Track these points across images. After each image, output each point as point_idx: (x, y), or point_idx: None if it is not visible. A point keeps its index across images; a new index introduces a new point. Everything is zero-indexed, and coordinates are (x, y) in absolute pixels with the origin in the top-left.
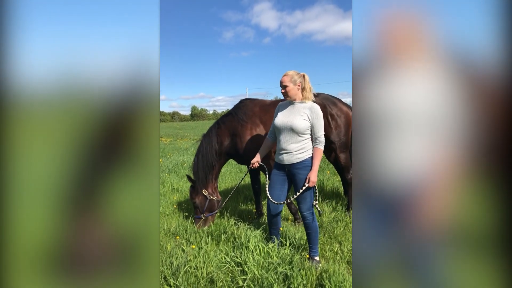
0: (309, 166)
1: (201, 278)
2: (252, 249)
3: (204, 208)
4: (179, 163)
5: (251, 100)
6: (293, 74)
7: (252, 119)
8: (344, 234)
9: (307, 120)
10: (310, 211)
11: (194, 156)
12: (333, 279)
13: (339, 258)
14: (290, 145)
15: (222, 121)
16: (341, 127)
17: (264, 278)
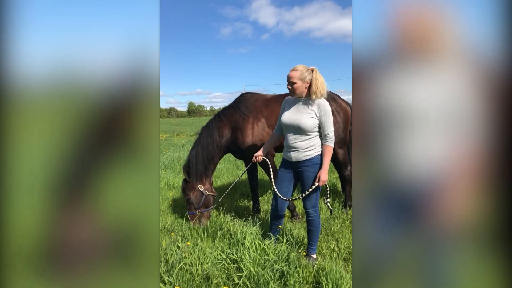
0: (317, 163)
1: (196, 275)
2: (248, 246)
3: (200, 204)
4: (175, 159)
5: (252, 94)
6: (303, 70)
7: (253, 113)
8: (341, 231)
9: (315, 118)
10: (315, 208)
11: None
12: (330, 276)
13: (336, 255)
14: (298, 143)
15: (223, 113)
16: (339, 123)
17: (260, 275)
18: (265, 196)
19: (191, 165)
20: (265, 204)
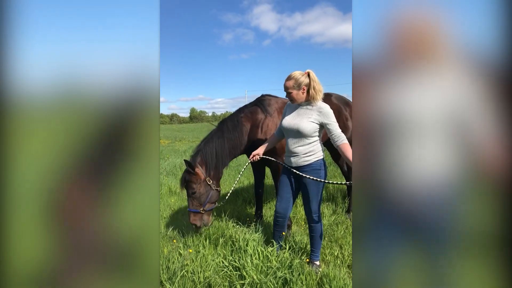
0: (316, 169)
1: (198, 283)
2: (250, 252)
3: (206, 200)
4: (177, 165)
5: (273, 96)
6: (298, 77)
7: (275, 113)
8: (345, 237)
9: (315, 122)
10: (317, 214)
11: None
12: (333, 284)
13: (339, 262)
14: (297, 147)
15: (246, 110)
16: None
17: (263, 283)
18: (268, 201)
19: (208, 155)
20: (268, 210)
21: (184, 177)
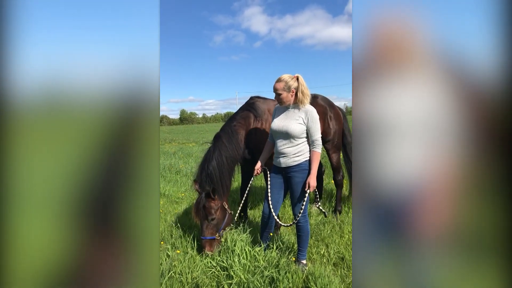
0: (305, 169)
1: (186, 283)
2: (238, 252)
3: (222, 225)
4: (166, 167)
5: (262, 98)
6: (287, 80)
7: (265, 115)
8: (331, 236)
9: (302, 124)
10: (304, 214)
11: (202, 160)
12: (319, 281)
13: (325, 260)
14: (286, 148)
15: (237, 116)
16: (335, 128)
17: (250, 282)
18: (255, 202)
19: (216, 179)
20: (256, 211)
21: (202, 204)
